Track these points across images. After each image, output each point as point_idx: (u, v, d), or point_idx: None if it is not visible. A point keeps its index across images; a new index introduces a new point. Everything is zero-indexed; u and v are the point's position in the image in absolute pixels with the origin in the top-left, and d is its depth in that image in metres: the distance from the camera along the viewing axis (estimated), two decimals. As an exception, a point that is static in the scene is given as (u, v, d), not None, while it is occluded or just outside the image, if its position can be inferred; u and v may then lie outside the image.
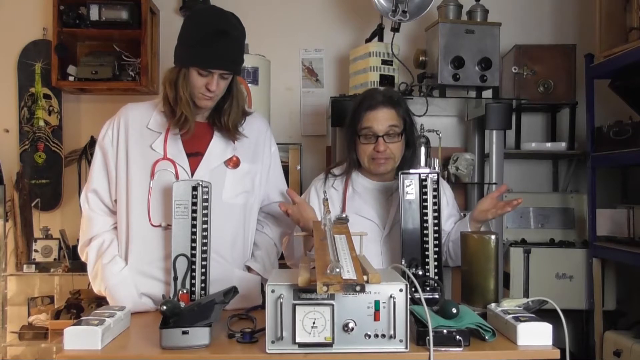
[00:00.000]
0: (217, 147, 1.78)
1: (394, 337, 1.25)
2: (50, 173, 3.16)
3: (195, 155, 1.75)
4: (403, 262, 1.62)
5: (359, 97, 1.93)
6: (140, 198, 1.71)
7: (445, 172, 2.90)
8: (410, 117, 1.88)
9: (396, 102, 1.85)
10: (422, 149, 2.83)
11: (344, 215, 1.78)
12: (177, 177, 1.71)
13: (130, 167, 1.73)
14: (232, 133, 1.77)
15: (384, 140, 1.80)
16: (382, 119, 1.81)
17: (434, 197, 1.64)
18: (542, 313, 1.43)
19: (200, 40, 1.63)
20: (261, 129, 1.89)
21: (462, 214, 2.03)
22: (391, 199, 1.88)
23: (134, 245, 1.72)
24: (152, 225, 1.71)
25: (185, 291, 1.55)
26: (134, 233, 1.72)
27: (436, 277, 1.60)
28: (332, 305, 1.24)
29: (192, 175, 1.73)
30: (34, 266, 2.91)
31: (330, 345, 1.25)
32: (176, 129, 1.73)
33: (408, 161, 1.88)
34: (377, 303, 1.25)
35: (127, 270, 1.71)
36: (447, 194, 1.95)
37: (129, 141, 1.74)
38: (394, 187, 1.88)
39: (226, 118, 1.75)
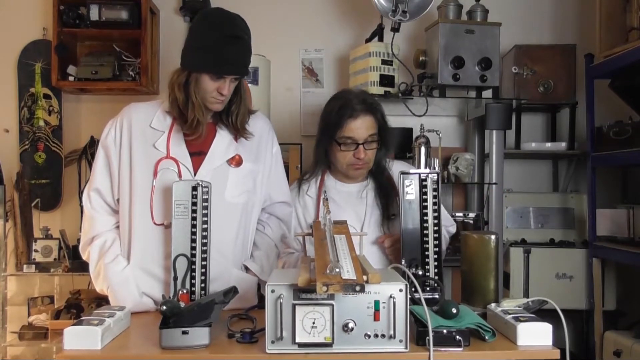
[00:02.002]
0: (220, 146, 1.78)
1: (394, 337, 1.25)
2: (50, 173, 3.16)
3: (198, 155, 1.76)
4: (403, 262, 1.62)
5: (334, 103, 1.92)
6: (143, 197, 1.72)
7: (445, 172, 2.90)
8: (385, 120, 1.92)
9: (375, 108, 1.89)
10: (422, 149, 2.83)
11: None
12: (179, 176, 1.72)
13: (133, 166, 1.73)
14: (240, 132, 1.79)
15: (364, 148, 1.85)
16: (362, 128, 1.85)
17: (434, 197, 1.64)
18: (542, 313, 1.43)
19: (213, 45, 1.65)
20: (264, 128, 1.90)
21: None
22: (361, 198, 1.94)
23: (136, 243, 1.72)
24: (154, 223, 1.71)
25: (185, 291, 1.55)
26: (136, 231, 1.72)
27: (436, 277, 1.60)
28: (332, 305, 1.24)
29: (195, 174, 1.73)
30: (34, 266, 2.90)
31: (330, 345, 1.25)
32: (179, 129, 1.75)
33: (379, 160, 1.94)
34: (377, 303, 1.25)
35: (129, 270, 1.72)
36: None
37: (132, 140, 1.75)
38: (363, 187, 1.96)
39: (234, 118, 1.78)
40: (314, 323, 1.24)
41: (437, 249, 1.63)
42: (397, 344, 1.25)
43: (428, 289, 1.57)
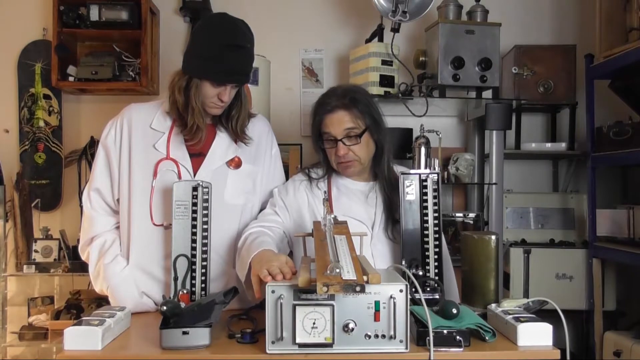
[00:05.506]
0: (220, 148, 1.79)
1: (394, 338, 1.25)
2: (50, 173, 3.16)
3: (197, 156, 1.77)
4: (403, 263, 1.62)
5: (317, 100, 1.84)
6: (142, 197, 1.72)
7: (446, 173, 2.90)
8: (373, 115, 1.77)
9: (350, 103, 1.74)
10: (422, 150, 2.82)
11: (333, 216, 1.67)
12: (179, 177, 1.72)
13: (133, 166, 1.74)
14: (239, 137, 1.80)
15: (343, 144, 1.74)
16: (337, 123, 1.73)
17: (435, 197, 1.64)
18: (542, 313, 1.43)
19: (216, 54, 1.64)
20: (263, 130, 1.90)
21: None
22: (370, 200, 1.82)
23: (135, 244, 1.73)
24: (154, 224, 1.71)
25: (185, 291, 1.55)
26: (135, 232, 1.73)
27: (436, 278, 1.60)
28: (332, 305, 1.24)
29: (195, 175, 1.74)
30: (34, 266, 2.90)
31: (330, 345, 1.25)
32: (179, 130, 1.75)
33: (377, 161, 1.82)
34: (377, 303, 1.25)
35: (129, 270, 1.72)
36: None
37: (132, 141, 1.75)
38: (371, 188, 1.84)
39: (234, 123, 1.78)
40: (314, 323, 1.24)
41: (437, 249, 1.62)
42: (398, 344, 1.25)
43: (428, 289, 1.57)
